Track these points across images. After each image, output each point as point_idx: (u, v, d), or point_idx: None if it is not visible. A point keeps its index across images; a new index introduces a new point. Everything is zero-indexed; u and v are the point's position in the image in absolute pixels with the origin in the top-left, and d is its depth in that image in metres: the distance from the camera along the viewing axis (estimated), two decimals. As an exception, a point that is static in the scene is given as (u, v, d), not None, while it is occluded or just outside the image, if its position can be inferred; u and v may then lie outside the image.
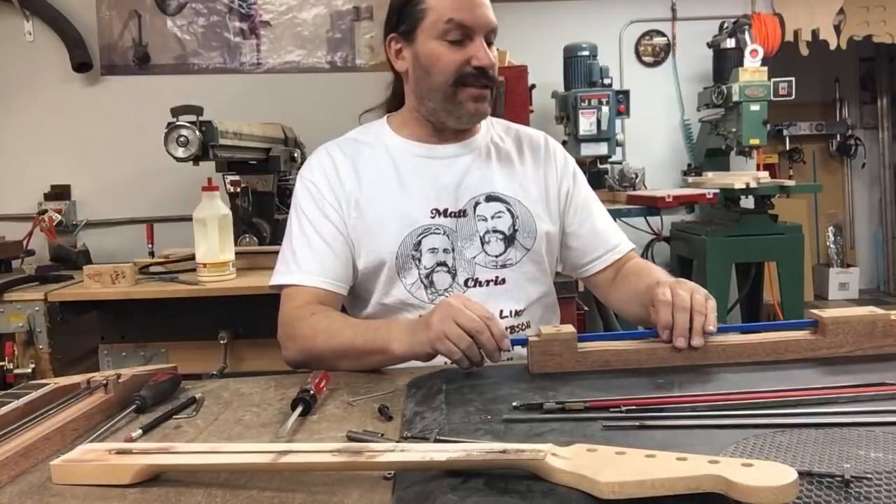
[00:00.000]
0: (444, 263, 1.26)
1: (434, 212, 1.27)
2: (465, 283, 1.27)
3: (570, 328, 1.00)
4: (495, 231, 1.29)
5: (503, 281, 1.29)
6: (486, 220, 1.29)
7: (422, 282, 1.26)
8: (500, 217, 1.29)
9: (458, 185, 1.29)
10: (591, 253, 1.39)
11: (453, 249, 1.27)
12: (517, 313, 1.30)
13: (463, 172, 1.30)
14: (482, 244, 1.28)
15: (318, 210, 1.29)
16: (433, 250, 1.26)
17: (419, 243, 1.26)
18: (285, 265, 1.29)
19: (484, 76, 1.23)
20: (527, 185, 1.34)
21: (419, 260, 1.26)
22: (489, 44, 1.25)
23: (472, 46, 1.21)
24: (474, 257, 1.28)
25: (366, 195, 1.28)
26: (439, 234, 1.27)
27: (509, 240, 1.29)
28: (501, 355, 1.01)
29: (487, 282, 1.28)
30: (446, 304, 1.04)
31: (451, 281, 1.27)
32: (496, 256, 1.29)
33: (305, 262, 1.27)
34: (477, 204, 1.29)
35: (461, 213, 1.28)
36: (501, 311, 1.28)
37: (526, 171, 1.36)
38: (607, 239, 1.39)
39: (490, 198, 1.30)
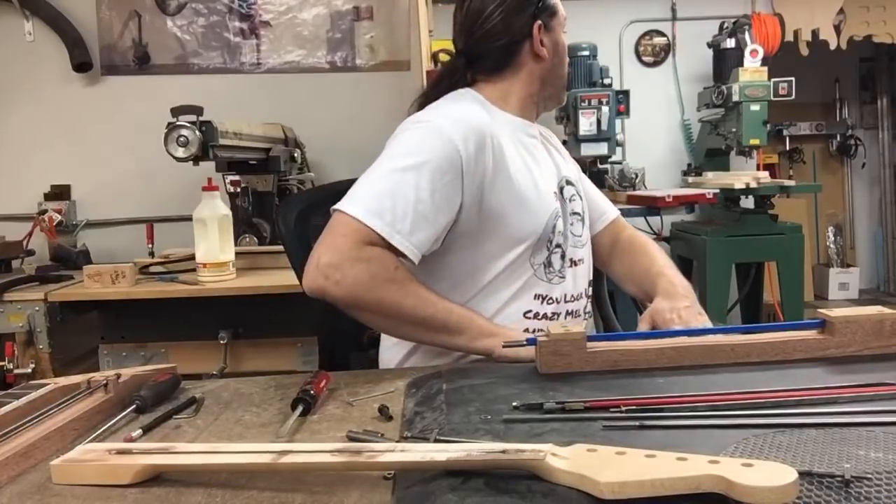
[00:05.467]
0: (559, 245, 1.29)
1: (555, 193, 1.31)
2: (571, 261, 1.31)
3: (579, 328, 1.00)
4: (574, 213, 1.35)
5: (582, 261, 1.35)
6: (569, 201, 1.35)
7: (544, 263, 1.28)
8: (575, 200, 1.37)
9: (554, 166, 1.36)
10: (594, 217, 1.47)
11: (563, 230, 1.30)
12: (588, 293, 1.37)
13: (548, 155, 1.37)
14: (571, 225, 1.33)
15: (443, 177, 1.15)
16: (559, 232, 1.29)
17: (554, 226, 1.27)
18: (377, 204, 1.11)
19: None
20: (573, 170, 1.42)
21: (551, 241, 1.27)
22: None
23: None
24: (567, 238, 1.31)
25: (512, 169, 1.24)
26: (560, 215, 1.30)
27: (583, 221, 1.38)
28: None
29: (579, 261, 1.33)
30: None
31: (562, 262, 1.30)
32: (578, 237, 1.35)
33: (402, 220, 1.11)
34: (562, 187, 1.35)
35: (559, 193, 1.33)
36: (586, 290, 1.36)
37: (561, 156, 1.43)
38: (599, 204, 1.51)
39: (566, 181, 1.37)
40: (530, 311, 1.25)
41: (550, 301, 1.27)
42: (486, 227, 1.21)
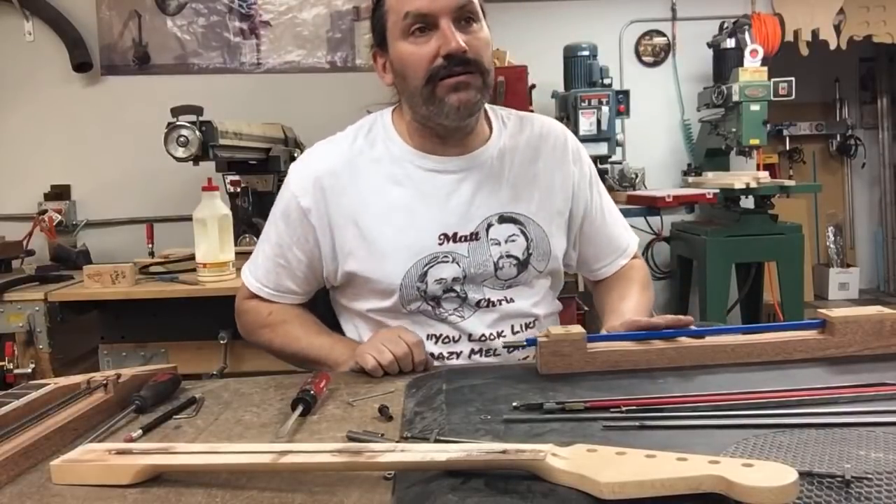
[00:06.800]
0: (451, 290, 1.20)
1: (443, 237, 1.18)
2: (478, 304, 1.22)
3: (578, 328, 1.00)
4: (509, 256, 1.21)
5: (512, 300, 1.24)
6: (499, 243, 1.21)
7: (428, 304, 1.21)
8: (514, 241, 1.22)
9: (469, 204, 1.20)
10: (604, 259, 1.37)
11: (464, 277, 1.19)
12: (528, 326, 1.27)
13: (474, 190, 1.21)
14: (495, 269, 1.21)
15: (291, 229, 1.23)
16: (440, 281, 1.19)
17: (425, 274, 1.18)
18: (253, 259, 1.31)
19: (459, 63, 1.10)
20: (541, 199, 1.25)
21: (424, 291, 1.19)
22: (468, 21, 1.12)
23: (438, 34, 1.09)
24: (484, 282, 1.21)
25: (367, 218, 1.19)
26: (448, 262, 1.19)
27: (523, 264, 1.23)
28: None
29: (500, 301, 1.23)
30: (382, 331, 1.17)
31: (461, 303, 1.21)
32: (505, 280, 1.23)
33: (265, 272, 1.28)
34: (490, 226, 1.21)
35: (473, 237, 1.20)
36: (513, 327, 1.24)
37: (540, 180, 1.27)
38: (619, 244, 1.37)
39: (503, 219, 1.22)
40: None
41: (447, 340, 1.22)
42: (350, 278, 1.23)
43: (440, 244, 1.19)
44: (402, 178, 1.21)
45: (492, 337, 1.23)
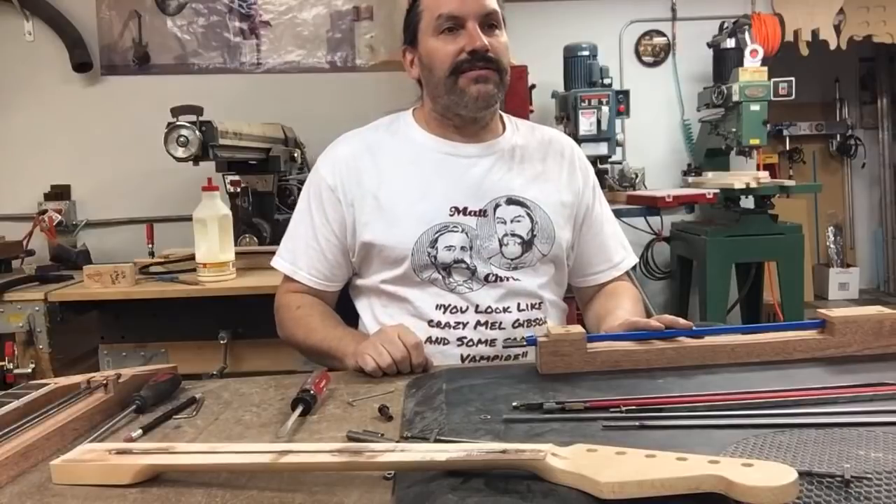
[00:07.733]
0: (461, 261, 1.27)
1: (453, 209, 1.28)
2: (486, 278, 1.28)
3: (579, 328, 1.00)
4: (514, 235, 1.30)
5: (518, 280, 1.30)
6: (505, 222, 1.30)
7: (439, 273, 1.27)
8: (519, 221, 1.30)
9: (480, 185, 1.30)
10: (594, 266, 1.42)
11: (471, 248, 1.27)
12: (534, 306, 1.31)
13: (485, 173, 1.31)
14: (500, 246, 1.29)
15: (321, 210, 1.32)
16: (450, 248, 1.26)
17: (435, 241, 1.26)
18: (284, 248, 1.37)
19: (481, 59, 1.24)
20: (548, 191, 1.34)
21: (435, 258, 1.26)
22: (491, 27, 1.26)
23: (465, 34, 1.24)
24: (490, 258, 1.28)
25: (385, 192, 1.29)
26: (457, 231, 1.27)
27: (527, 244, 1.30)
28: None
29: (507, 278, 1.29)
30: (382, 331, 1.18)
31: (471, 276, 1.27)
32: (511, 259, 1.29)
33: (298, 256, 1.34)
34: (497, 206, 1.30)
35: (481, 213, 1.29)
36: (519, 304, 1.30)
37: (549, 176, 1.36)
38: (611, 255, 1.42)
39: (511, 201, 1.31)
40: (432, 320, 1.27)
41: (455, 310, 1.27)
42: (366, 250, 1.30)
43: (451, 215, 1.28)
44: (420, 159, 1.32)
45: (498, 310, 1.28)
